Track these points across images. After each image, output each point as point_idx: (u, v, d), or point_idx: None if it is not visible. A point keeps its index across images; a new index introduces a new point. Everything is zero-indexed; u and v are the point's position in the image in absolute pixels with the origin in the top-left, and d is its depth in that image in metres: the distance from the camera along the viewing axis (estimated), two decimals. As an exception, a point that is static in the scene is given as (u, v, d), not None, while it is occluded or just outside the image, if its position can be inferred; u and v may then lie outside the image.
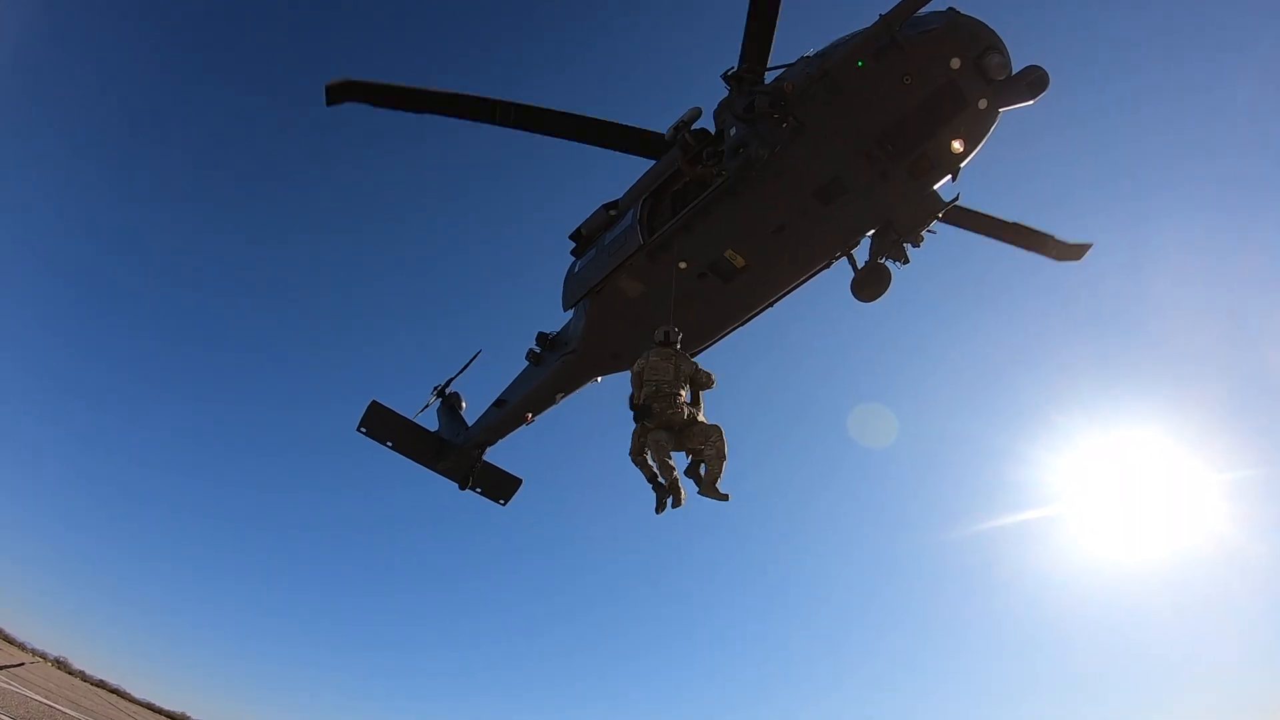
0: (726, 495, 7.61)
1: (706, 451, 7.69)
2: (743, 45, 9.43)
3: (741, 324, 10.80)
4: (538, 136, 10.39)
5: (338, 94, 9.91)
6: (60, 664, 43.41)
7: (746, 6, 9.13)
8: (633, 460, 7.90)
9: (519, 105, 10.27)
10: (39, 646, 43.04)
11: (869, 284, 9.57)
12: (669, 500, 7.69)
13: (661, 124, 10.27)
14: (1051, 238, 11.77)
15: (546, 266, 12.15)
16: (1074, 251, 12.13)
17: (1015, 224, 11.42)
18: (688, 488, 7.78)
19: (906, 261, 9.69)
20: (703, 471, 7.72)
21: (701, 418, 7.96)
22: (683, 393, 7.85)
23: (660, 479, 7.72)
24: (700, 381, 8.08)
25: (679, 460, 7.82)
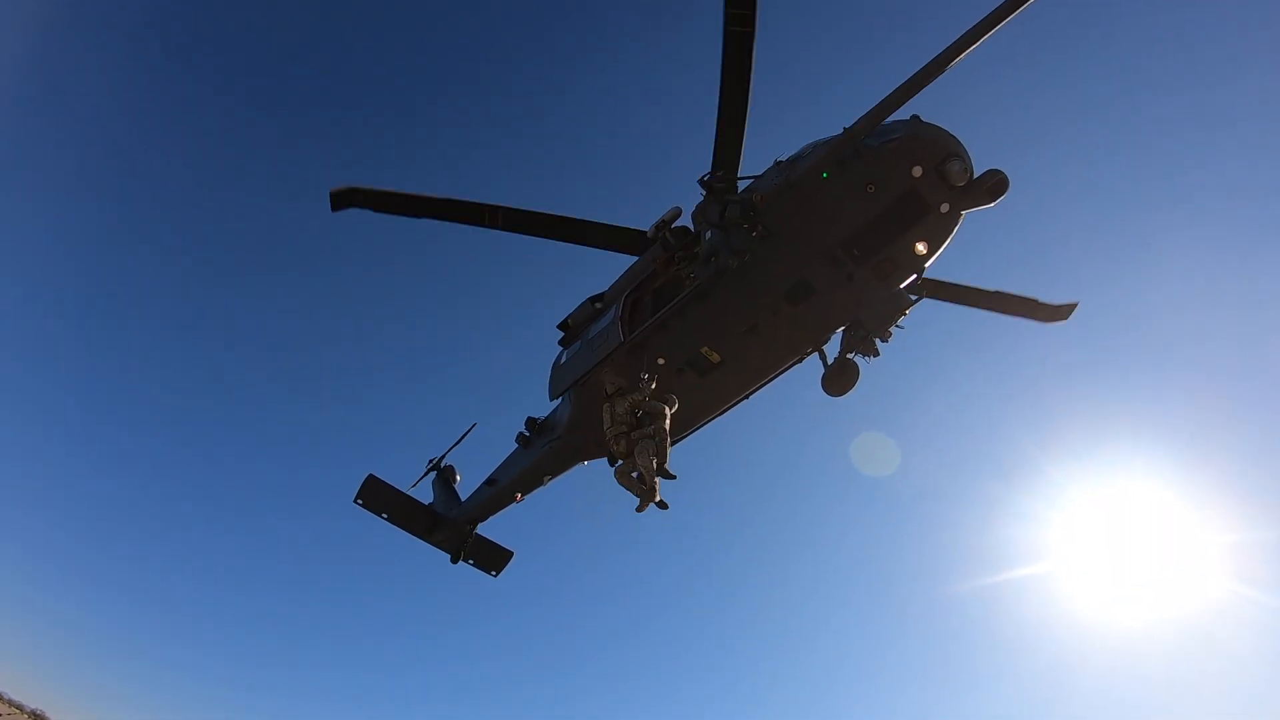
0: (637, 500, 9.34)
1: None
2: (715, 149, 9.94)
3: (719, 414, 11.18)
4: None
5: (342, 200, 10.73)
6: (37, 717, 42.99)
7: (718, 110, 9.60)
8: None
9: (509, 209, 10.94)
10: (16, 699, 42.82)
11: (838, 379, 9.92)
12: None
13: (647, 214, 10.86)
14: (1035, 300, 12.12)
15: (538, 349, 12.68)
16: (1060, 312, 12.46)
17: (996, 292, 11.78)
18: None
19: (876, 355, 9.93)
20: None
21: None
22: (626, 429, 9.32)
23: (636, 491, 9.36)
24: (641, 406, 9.42)
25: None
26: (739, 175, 9.97)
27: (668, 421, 9.29)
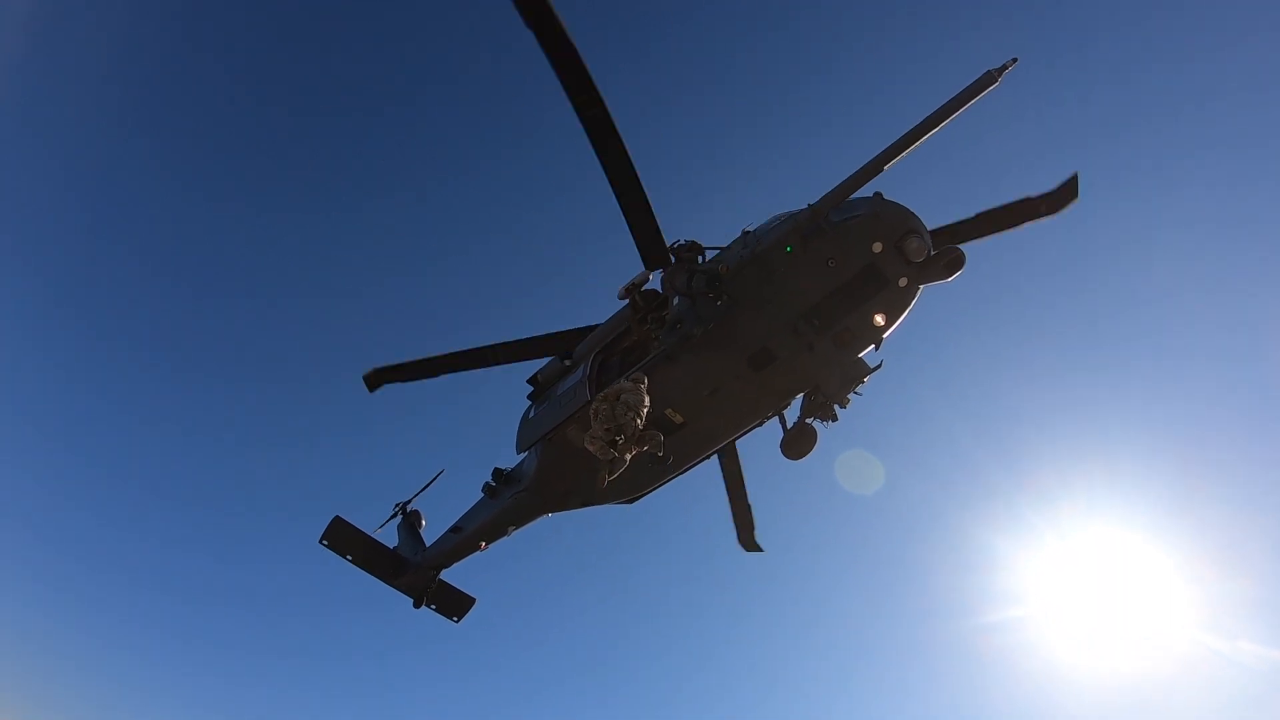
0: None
1: None
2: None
3: (680, 473, 11.49)
4: (516, 268, 11.42)
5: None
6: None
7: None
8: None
9: (609, 113, 9.95)
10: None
11: (796, 443, 10.24)
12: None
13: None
14: (751, 527, 13.03)
15: (509, 402, 12.96)
16: (751, 545, 13.35)
17: (746, 498, 12.81)
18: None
19: (835, 420, 10.32)
20: None
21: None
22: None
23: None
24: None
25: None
26: (706, 246, 10.36)
27: (636, 395, 8.83)
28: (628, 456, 8.74)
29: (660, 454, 9.06)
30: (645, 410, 8.74)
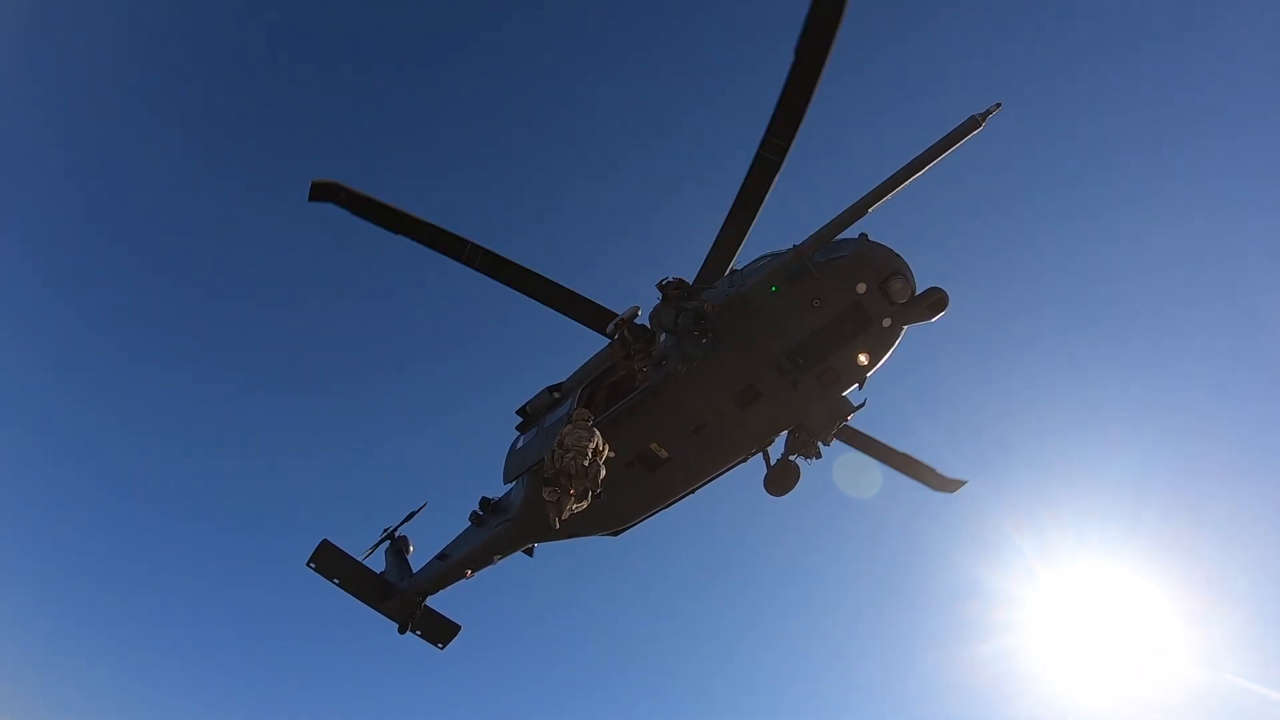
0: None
1: None
2: (706, 259, 10.63)
3: (665, 507, 11.61)
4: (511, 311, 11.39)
5: (322, 193, 10.24)
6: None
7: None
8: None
9: (490, 252, 10.72)
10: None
11: (780, 480, 10.41)
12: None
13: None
14: (932, 469, 12.95)
15: (497, 432, 13.05)
16: (950, 485, 13.35)
17: (903, 454, 12.62)
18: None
19: (819, 457, 10.49)
20: None
21: None
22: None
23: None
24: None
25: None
26: (693, 284, 10.52)
27: (574, 435, 8.95)
28: (576, 495, 8.77)
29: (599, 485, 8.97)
30: (592, 444, 8.85)
